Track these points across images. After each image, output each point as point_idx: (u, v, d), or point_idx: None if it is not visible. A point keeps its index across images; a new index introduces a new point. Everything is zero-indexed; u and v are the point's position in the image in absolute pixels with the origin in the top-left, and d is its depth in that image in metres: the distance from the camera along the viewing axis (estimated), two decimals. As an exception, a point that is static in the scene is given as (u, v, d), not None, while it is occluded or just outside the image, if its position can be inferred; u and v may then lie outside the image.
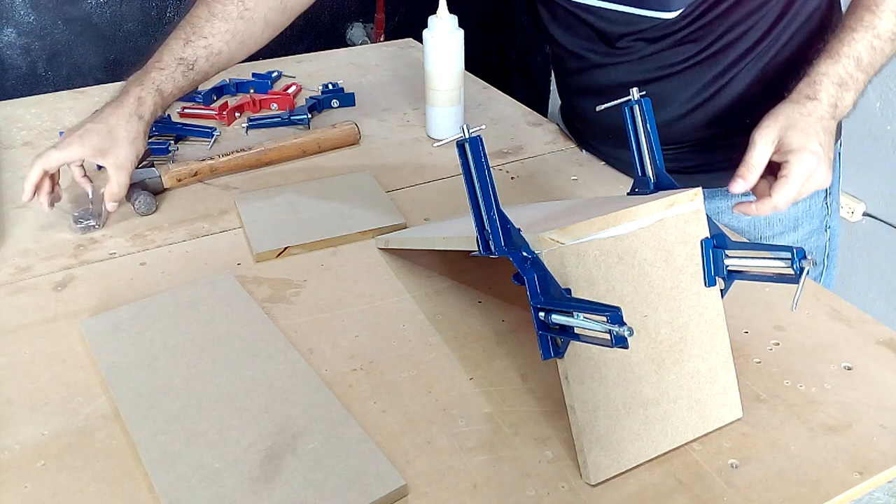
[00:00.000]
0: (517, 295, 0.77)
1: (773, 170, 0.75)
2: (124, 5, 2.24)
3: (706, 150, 0.95)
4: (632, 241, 0.58)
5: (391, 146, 1.12)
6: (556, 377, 0.57)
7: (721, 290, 0.62)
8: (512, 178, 1.03)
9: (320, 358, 0.70)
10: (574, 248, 0.56)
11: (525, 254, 0.55)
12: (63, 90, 1.31)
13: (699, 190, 0.60)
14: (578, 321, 0.51)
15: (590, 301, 0.53)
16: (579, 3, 0.91)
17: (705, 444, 0.61)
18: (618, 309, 0.48)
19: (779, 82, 0.89)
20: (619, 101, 0.67)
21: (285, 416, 0.62)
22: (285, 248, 0.85)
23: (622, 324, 0.47)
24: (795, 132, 0.74)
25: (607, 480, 0.57)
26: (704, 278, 0.61)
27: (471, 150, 0.57)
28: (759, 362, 0.69)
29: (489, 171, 0.57)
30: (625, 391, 0.58)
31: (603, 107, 0.69)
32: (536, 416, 0.63)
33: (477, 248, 0.60)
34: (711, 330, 0.62)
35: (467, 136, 0.57)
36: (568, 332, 0.53)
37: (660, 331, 0.59)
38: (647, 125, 0.66)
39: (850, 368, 0.68)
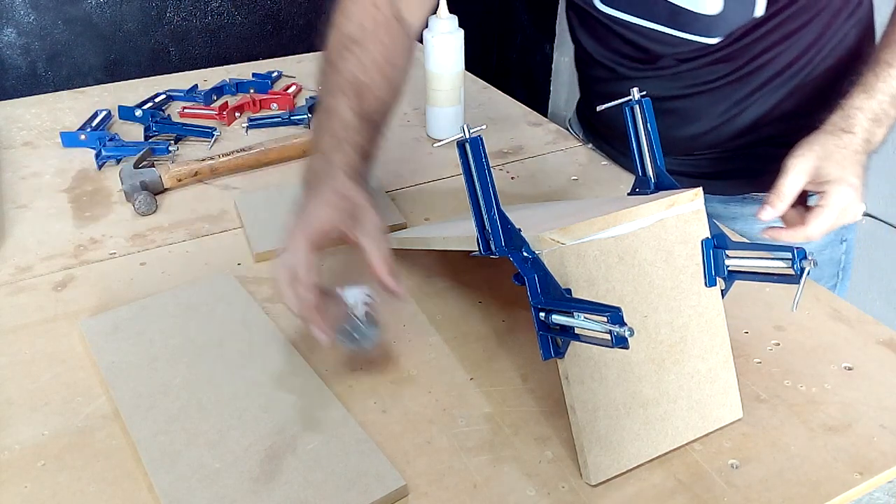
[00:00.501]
0: (517, 295, 0.77)
1: (800, 198, 0.75)
2: (124, 5, 2.24)
3: (727, 159, 0.95)
4: (632, 241, 0.58)
5: (391, 146, 1.11)
6: (556, 377, 0.57)
7: (721, 291, 0.62)
8: (512, 178, 1.03)
9: (320, 358, 0.70)
10: (574, 248, 0.56)
11: (525, 254, 0.55)
12: (63, 90, 1.31)
13: (699, 190, 0.60)
14: (579, 321, 0.51)
15: (590, 301, 0.53)
16: (617, 18, 0.90)
17: (705, 445, 0.61)
18: (618, 309, 0.48)
19: (810, 98, 0.88)
20: (620, 101, 0.67)
21: (285, 416, 0.62)
22: (285, 248, 0.85)
23: (622, 324, 0.47)
24: (832, 163, 0.73)
25: (608, 481, 0.57)
26: (705, 278, 0.61)
27: (471, 150, 0.57)
28: (760, 362, 0.69)
29: (489, 171, 0.57)
30: (625, 391, 0.58)
31: (604, 106, 0.69)
32: (536, 416, 0.63)
33: (477, 248, 0.60)
34: (712, 330, 0.62)
35: (467, 136, 0.57)
36: (568, 333, 0.53)
37: (660, 331, 0.59)
38: (648, 125, 0.66)
39: (850, 368, 0.68)
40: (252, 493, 0.56)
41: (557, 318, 0.52)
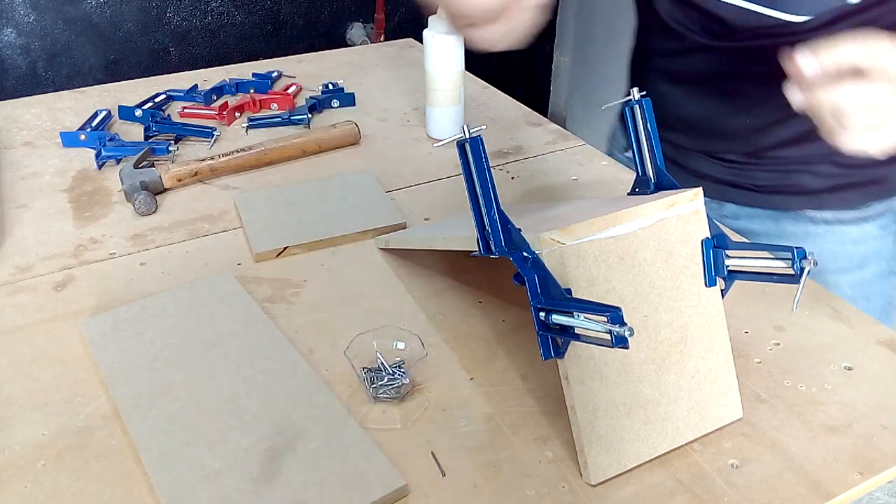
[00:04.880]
0: (517, 295, 0.77)
1: None
2: (124, 5, 2.24)
3: (784, 171, 0.90)
4: (632, 242, 0.58)
5: (391, 146, 1.12)
6: (556, 377, 0.57)
7: (721, 290, 0.62)
8: (512, 178, 1.03)
9: (320, 358, 0.70)
10: (574, 248, 0.56)
11: (525, 254, 0.55)
12: (63, 90, 1.31)
13: (699, 190, 0.60)
14: (579, 321, 0.51)
15: (590, 301, 0.53)
16: None
17: (705, 445, 0.61)
18: (618, 309, 0.48)
19: None
20: (621, 100, 0.67)
21: (285, 416, 0.62)
22: (285, 248, 0.85)
23: (622, 324, 0.47)
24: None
25: (607, 481, 0.57)
26: (705, 278, 0.61)
27: (471, 150, 0.57)
28: (760, 362, 0.69)
29: (489, 171, 0.57)
30: (625, 391, 0.58)
31: (606, 106, 0.68)
32: (536, 416, 0.63)
33: (477, 249, 0.60)
34: (712, 330, 0.62)
35: (467, 136, 0.57)
36: (568, 333, 0.53)
37: (660, 331, 0.59)
38: (648, 125, 0.66)
39: (850, 368, 0.68)
40: (252, 493, 0.56)
41: (557, 318, 0.52)
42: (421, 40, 1.07)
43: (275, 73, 1.33)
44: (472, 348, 0.71)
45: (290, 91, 1.26)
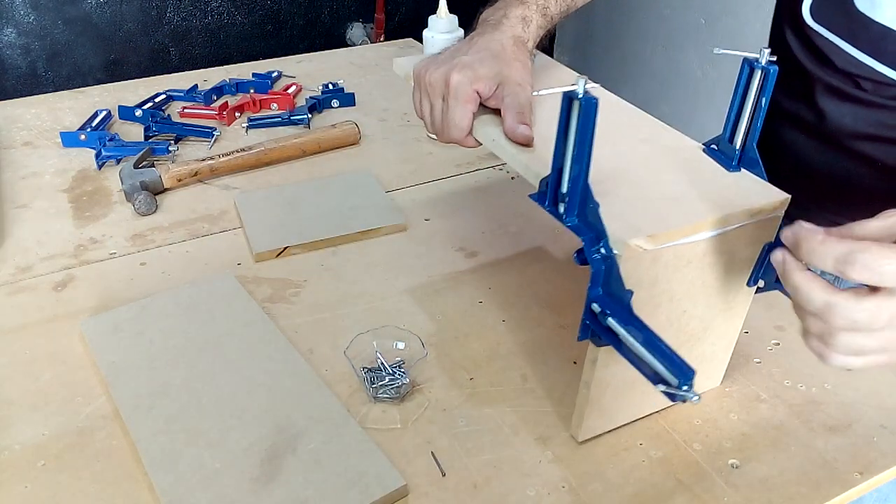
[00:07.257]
0: (517, 295, 0.78)
1: None
2: (124, 5, 2.24)
3: None
4: (707, 245, 0.55)
5: (391, 146, 1.12)
6: (557, 377, 0.57)
7: (759, 288, 0.60)
8: (512, 178, 1.03)
9: (320, 358, 0.70)
10: (653, 251, 0.53)
11: (598, 242, 0.51)
12: (63, 90, 1.31)
13: (787, 199, 0.56)
14: (636, 344, 0.48)
15: (667, 346, 0.47)
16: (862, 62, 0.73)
17: (705, 445, 0.61)
18: (692, 372, 0.45)
19: None
20: (738, 52, 0.58)
21: (285, 416, 0.62)
22: (285, 248, 0.85)
23: (690, 388, 0.44)
24: None
25: (594, 438, 0.60)
26: (750, 277, 0.59)
27: (581, 112, 0.48)
28: (760, 362, 0.69)
29: (591, 140, 0.49)
30: (637, 372, 0.57)
31: (720, 51, 0.59)
32: (536, 416, 0.63)
33: (539, 193, 0.56)
34: (733, 323, 0.62)
35: (581, 92, 0.48)
36: (615, 339, 0.51)
37: (690, 323, 0.59)
38: (763, 98, 0.57)
39: (850, 368, 0.68)
40: (252, 493, 0.56)
41: (613, 324, 0.50)
42: (421, 40, 1.07)
43: (275, 73, 1.33)
44: (472, 348, 0.71)
45: (290, 91, 1.26)
